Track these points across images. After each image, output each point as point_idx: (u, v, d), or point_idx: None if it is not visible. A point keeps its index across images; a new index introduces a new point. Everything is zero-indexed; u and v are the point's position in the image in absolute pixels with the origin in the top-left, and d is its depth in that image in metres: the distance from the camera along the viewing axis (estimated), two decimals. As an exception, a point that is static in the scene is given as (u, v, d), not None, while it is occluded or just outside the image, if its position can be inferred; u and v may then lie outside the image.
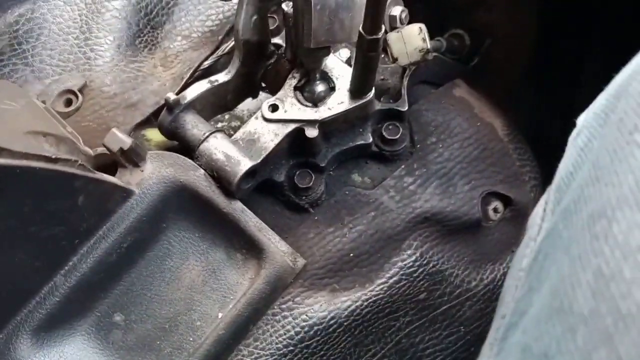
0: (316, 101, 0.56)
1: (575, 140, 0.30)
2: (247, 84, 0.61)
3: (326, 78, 0.57)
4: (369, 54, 0.50)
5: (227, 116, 0.67)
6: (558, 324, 0.24)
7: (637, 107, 0.25)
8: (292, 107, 0.56)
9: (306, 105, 0.55)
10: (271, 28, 0.61)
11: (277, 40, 0.63)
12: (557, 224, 0.27)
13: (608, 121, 0.27)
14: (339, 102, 0.55)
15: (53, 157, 0.43)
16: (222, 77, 0.58)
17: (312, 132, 0.55)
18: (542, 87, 0.89)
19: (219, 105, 0.61)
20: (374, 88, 0.56)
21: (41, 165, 0.42)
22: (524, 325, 0.27)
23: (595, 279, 0.23)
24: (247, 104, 0.65)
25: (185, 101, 0.55)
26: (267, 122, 0.56)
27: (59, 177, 0.44)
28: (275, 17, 0.64)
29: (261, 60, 0.61)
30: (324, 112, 0.55)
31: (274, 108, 0.56)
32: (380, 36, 0.47)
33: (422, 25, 0.58)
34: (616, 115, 0.26)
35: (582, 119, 0.30)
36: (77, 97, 0.60)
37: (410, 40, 0.56)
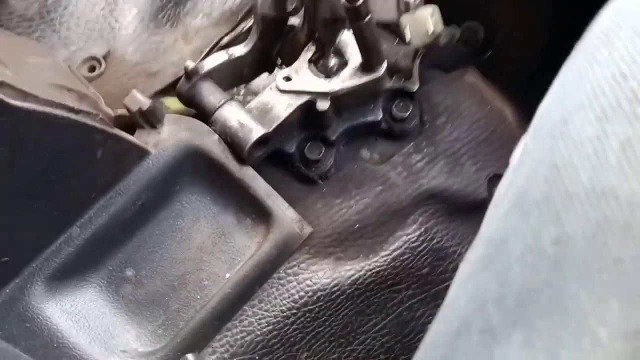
0: (329, 74, 0.58)
1: (554, 84, 0.32)
2: (263, 59, 0.63)
3: (340, 53, 0.59)
4: (357, 24, 0.51)
5: (242, 91, 0.69)
6: (516, 213, 0.27)
7: (601, 34, 0.28)
8: (305, 78, 0.57)
9: (319, 77, 0.57)
10: (289, 9, 0.64)
11: (294, 20, 0.65)
12: (527, 147, 0.30)
13: (577, 54, 0.29)
14: (350, 76, 0.57)
15: (76, 108, 0.45)
16: (239, 49, 0.60)
17: (323, 105, 0.57)
18: (551, 82, 0.90)
19: (235, 78, 0.63)
20: (385, 64, 0.58)
21: (64, 114, 0.44)
22: (486, 226, 0.29)
23: (549, 171, 0.26)
24: (262, 79, 0.67)
25: (204, 70, 0.57)
26: (281, 92, 0.58)
27: (80, 128, 0.46)
28: (294, -3, 0.66)
29: (278, 37, 0.63)
30: (335, 84, 0.57)
31: (288, 78, 0.58)
32: (358, 4, 0.49)
33: (435, 7, 0.59)
34: (582, 46, 0.28)
35: (562, 67, 0.33)
36: (100, 63, 0.62)
37: (422, 22, 0.58)
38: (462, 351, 0.27)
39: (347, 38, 0.60)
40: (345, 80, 0.57)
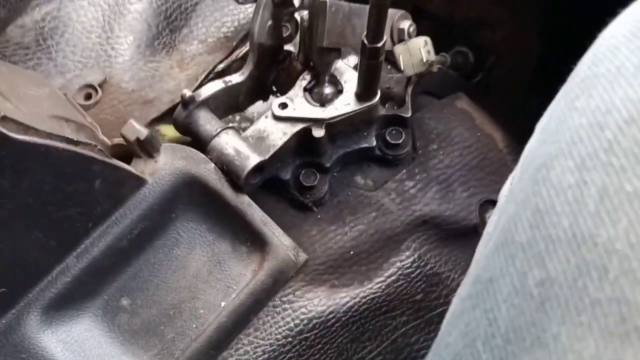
0: (324, 102, 0.59)
1: (538, 125, 0.34)
2: (259, 87, 0.64)
3: (335, 81, 0.60)
4: (370, 62, 0.53)
5: (237, 117, 0.69)
6: (502, 254, 0.28)
7: (580, 81, 0.30)
8: (300, 106, 0.58)
9: (314, 105, 0.58)
10: (284, 36, 0.65)
11: (289, 47, 0.66)
12: (513, 187, 0.31)
13: (560, 102, 0.31)
14: (345, 104, 0.58)
15: (75, 139, 0.46)
16: (235, 78, 0.61)
17: (318, 132, 0.58)
18: (541, 107, 0.92)
19: (231, 105, 0.64)
20: (379, 93, 0.59)
21: (63, 146, 0.45)
22: (476, 264, 0.30)
23: (532, 215, 0.27)
24: (257, 107, 0.68)
25: (200, 98, 0.57)
26: (277, 120, 0.59)
27: (78, 159, 0.46)
28: (288, 25, 0.68)
29: (273, 65, 0.64)
30: (330, 111, 0.58)
31: (284, 106, 0.59)
32: (380, 45, 0.51)
33: (427, 39, 0.61)
34: (565, 93, 0.30)
35: (547, 110, 0.35)
36: (96, 91, 0.63)
37: (415, 52, 0.59)
38: None
39: (341, 66, 0.61)
40: (340, 107, 0.58)
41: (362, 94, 0.57)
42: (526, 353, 0.25)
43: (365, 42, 0.50)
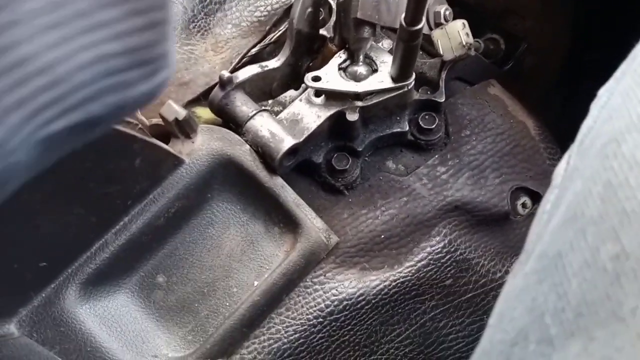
0: (358, 80, 0.59)
1: (596, 103, 0.33)
2: (294, 74, 0.65)
3: (370, 62, 0.60)
4: (408, 44, 0.53)
5: (270, 101, 0.70)
6: (570, 229, 0.28)
7: None
8: (334, 79, 0.59)
9: (347, 81, 0.58)
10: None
11: (323, 31, 0.66)
12: (575, 163, 0.31)
13: (624, 78, 0.31)
14: (379, 81, 0.58)
15: (117, 118, 0.46)
16: (272, 63, 0.62)
17: (352, 116, 0.58)
18: (571, 95, 0.91)
19: (265, 91, 0.64)
20: (414, 75, 0.59)
21: (107, 124, 0.45)
22: (541, 241, 0.30)
23: (604, 189, 0.27)
24: (290, 92, 0.68)
25: (238, 80, 0.58)
26: (311, 104, 0.59)
27: (121, 137, 0.47)
28: (322, 10, 0.68)
29: (308, 53, 0.64)
30: (363, 86, 0.58)
31: (317, 79, 0.59)
32: (419, 27, 0.50)
33: (465, 21, 0.60)
34: (631, 69, 0.30)
35: (603, 88, 0.34)
36: (133, 73, 0.63)
37: (454, 35, 0.59)
38: (518, 359, 0.28)
39: (375, 50, 0.61)
40: (374, 84, 0.58)
41: (398, 76, 0.57)
42: (600, 327, 0.25)
43: (404, 24, 0.50)
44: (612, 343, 0.24)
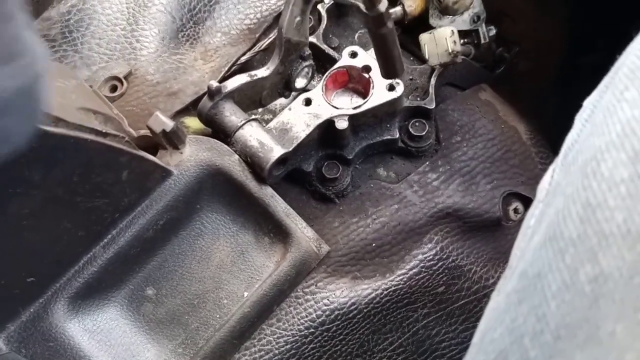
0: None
1: (580, 115, 0.33)
2: (283, 83, 0.64)
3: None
4: (376, 33, 0.48)
5: (260, 109, 0.69)
6: (550, 249, 0.28)
7: (630, 72, 0.29)
8: (324, 104, 0.59)
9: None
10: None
11: (312, 39, 0.66)
12: (559, 179, 0.30)
13: (607, 92, 0.30)
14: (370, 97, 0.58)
15: (103, 131, 0.46)
16: (261, 72, 0.61)
17: (342, 124, 0.58)
18: (565, 99, 0.90)
19: (254, 100, 0.64)
20: (402, 84, 0.58)
21: (92, 138, 0.45)
22: (523, 259, 0.30)
23: (583, 209, 0.27)
24: (279, 100, 0.68)
25: (226, 90, 0.58)
26: (300, 113, 0.59)
27: (107, 151, 0.47)
28: (311, 17, 0.68)
29: (297, 61, 0.64)
30: (355, 107, 0.58)
31: (308, 102, 0.59)
32: (382, 10, 0.45)
33: (454, 29, 0.60)
34: (613, 84, 0.29)
35: (587, 100, 0.34)
36: (122, 83, 0.63)
37: (441, 41, 0.59)
38: None
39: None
40: (366, 103, 0.58)
41: (387, 72, 0.53)
42: (579, 350, 0.24)
43: (364, 9, 0.45)
44: None
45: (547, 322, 0.26)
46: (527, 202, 0.66)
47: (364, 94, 0.62)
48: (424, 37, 0.60)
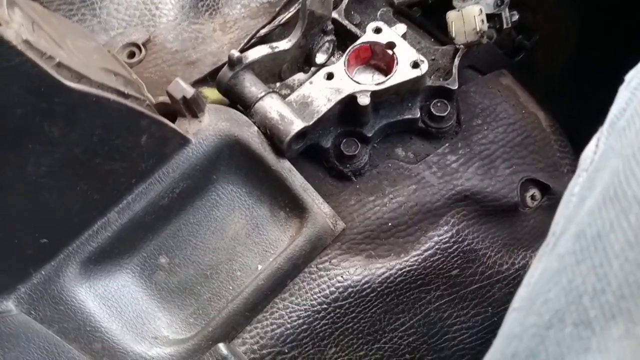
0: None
1: (626, 87, 0.32)
2: (304, 57, 0.63)
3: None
4: None
5: (278, 84, 0.68)
6: (612, 209, 0.27)
7: None
8: (346, 78, 0.58)
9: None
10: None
11: (334, 14, 0.65)
12: (610, 144, 0.30)
13: None
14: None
15: (125, 92, 0.45)
16: (282, 44, 0.60)
17: (364, 100, 0.57)
18: (579, 91, 0.90)
19: (273, 73, 0.63)
20: (426, 62, 0.58)
21: (114, 98, 0.44)
22: (576, 221, 0.29)
23: None
24: (298, 75, 0.67)
25: (247, 60, 0.57)
26: (321, 87, 0.58)
27: (128, 113, 0.46)
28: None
29: (319, 35, 0.63)
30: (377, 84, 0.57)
31: (330, 76, 0.58)
32: None
33: (482, 7, 0.59)
34: None
35: (632, 72, 0.33)
36: (140, 50, 0.62)
37: (469, 20, 0.58)
38: (553, 342, 0.27)
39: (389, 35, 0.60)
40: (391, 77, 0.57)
41: None
42: None
43: None
44: None
45: (609, 281, 0.25)
46: (545, 189, 0.65)
47: (386, 71, 0.61)
48: (452, 15, 0.59)
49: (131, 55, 0.62)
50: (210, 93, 0.63)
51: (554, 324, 0.27)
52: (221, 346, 0.52)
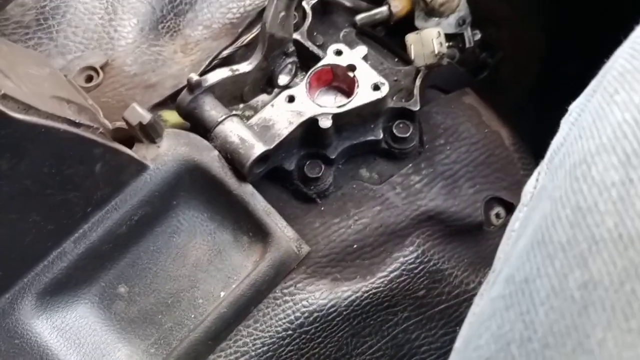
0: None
1: (567, 119, 0.32)
2: (265, 79, 0.63)
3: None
4: None
5: (241, 105, 0.68)
6: (538, 254, 0.27)
7: (619, 75, 0.28)
8: (307, 102, 0.58)
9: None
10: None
11: (296, 36, 0.65)
12: (544, 182, 0.30)
13: (595, 95, 0.30)
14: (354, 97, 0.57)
15: (77, 121, 0.44)
16: (243, 67, 0.60)
17: (325, 123, 0.57)
18: (546, 106, 0.91)
19: (235, 96, 0.62)
20: (387, 85, 0.58)
21: (65, 128, 0.43)
22: (509, 263, 0.29)
23: (573, 213, 0.26)
24: (261, 97, 0.66)
25: (207, 84, 0.56)
26: (282, 110, 0.58)
27: (80, 142, 0.45)
28: (296, 13, 0.66)
29: (281, 57, 0.63)
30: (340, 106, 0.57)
31: (291, 99, 0.58)
32: None
33: (440, 30, 0.59)
34: (602, 87, 0.29)
35: (573, 104, 0.33)
36: (97, 73, 0.61)
37: (427, 42, 0.58)
38: None
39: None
40: (350, 102, 0.57)
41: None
42: (567, 359, 0.23)
43: None
44: None
45: (535, 329, 0.25)
46: (508, 207, 0.66)
47: (348, 93, 0.61)
48: (410, 38, 0.59)
49: (89, 79, 0.61)
50: (171, 116, 0.62)
51: None
52: (183, 377, 0.51)
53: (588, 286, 0.24)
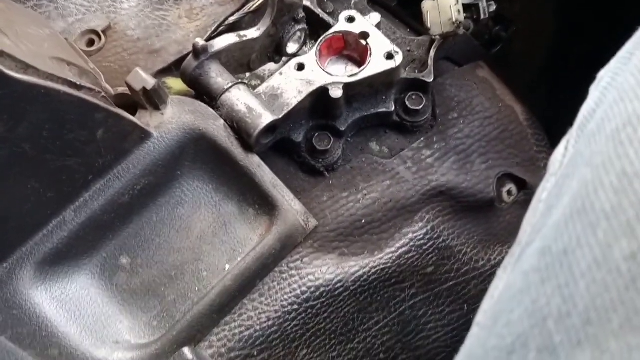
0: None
1: (597, 85, 0.30)
2: (273, 46, 0.60)
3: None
4: None
5: (247, 74, 0.66)
6: (578, 223, 0.25)
7: None
8: (318, 70, 0.55)
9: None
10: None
11: (306, 2, 0.62)
12: (579, 149, 0.28)
13: (632, 58, 0.28)
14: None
15: (78, 83, 0.42)
16: (251, 33, 0.57)
17: (336, 93, 0.55)
18: (558, 84, 0.89)
19: (242, 63, 0.60)
20: (401, 54, 0.55)
21: (65, 90, 0.41)
22: (542, 234, 0.27)
23: (618, 179, 0.24)
24: (269, 66, 0.64)
25: (213, 50, 0.54)
26: (292, 78, 0.56)
27: (81, 105, 0.43)
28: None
29: (290, 24, 0.60)
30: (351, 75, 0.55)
31: (301, 67, 0.56)
32: None
33: (458, -4, 0.57)
34: (636, 50, 0.27)
35: (603, 70, 0.31)
36: (100, 37, 0.59)
37: (445, 10, 0.56)
38: None
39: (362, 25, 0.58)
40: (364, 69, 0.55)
41: None
42: (613, 337, 0.22)
43: None
44: (629, 357, 0.21)
45: (575, 303, 0.23)
46: (520, 184, 0.64)
47: (359, 62, 0.58)
48: (427, 4, 0.56)
49: (90, 43, 0.59)
50: (175, 83, 0.60)
51: (516, 349, 0.25)
52: (186, 350, 0.49)
53: (636, 257, 0.22)
